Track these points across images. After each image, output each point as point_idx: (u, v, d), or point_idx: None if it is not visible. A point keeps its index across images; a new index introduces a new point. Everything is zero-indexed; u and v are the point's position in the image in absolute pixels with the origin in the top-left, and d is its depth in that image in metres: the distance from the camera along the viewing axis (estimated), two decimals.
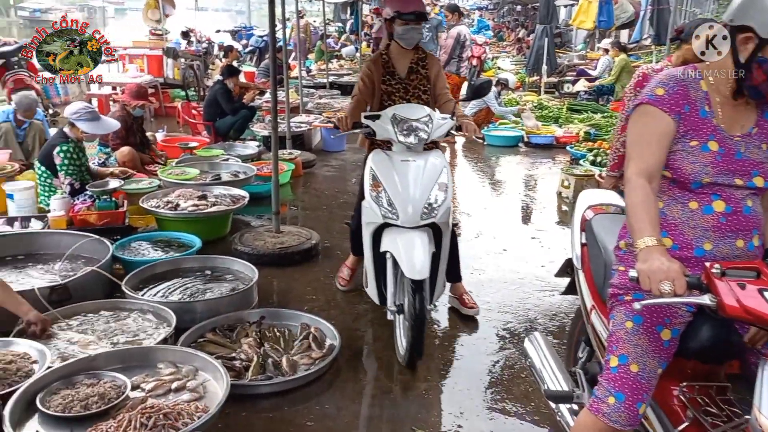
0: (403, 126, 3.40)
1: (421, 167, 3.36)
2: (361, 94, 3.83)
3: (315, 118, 8.84)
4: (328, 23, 15.52)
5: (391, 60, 3.86)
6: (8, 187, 5.03)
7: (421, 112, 3.47)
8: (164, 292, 3.90)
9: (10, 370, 2.77)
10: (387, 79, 3.84)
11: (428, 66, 3.88)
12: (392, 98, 3.82)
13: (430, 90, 3.87)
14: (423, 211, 3.25)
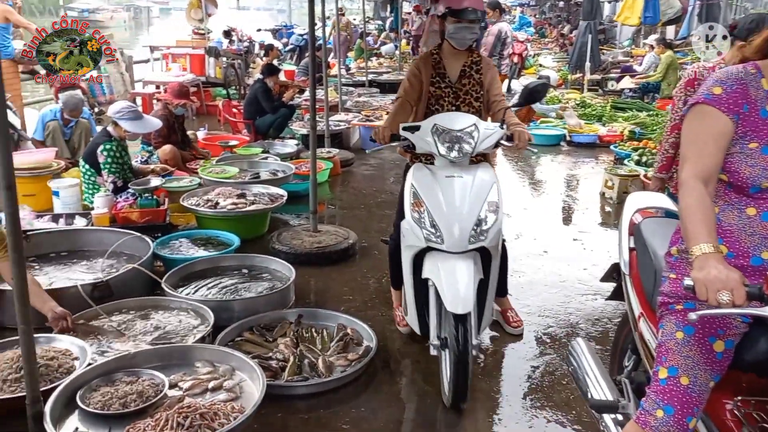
0: (445, 138, 3.04)
1: (467, 184, 3.00)
2: (406, 95, 3.43)
3: (354, 117, 8.83)
4: (367, 21, 15.50)
5: (443, 61, 3.46)
6: (54, 185, 5.14)
7: (465, 122, 3.09)
8: (203, 290, 3.93)
9: (52, 366, 2.81)
10: (436, 81, 3.44)
11: (482, 70, 3.47)
12: (440, 103, 3.43)
13: (483, 97, 3.48)
14: (471, 234, 2.89)
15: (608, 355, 3.09)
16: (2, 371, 2.74)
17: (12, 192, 2.23)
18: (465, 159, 3.08)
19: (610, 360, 2.92)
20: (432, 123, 3.08)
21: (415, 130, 3.09)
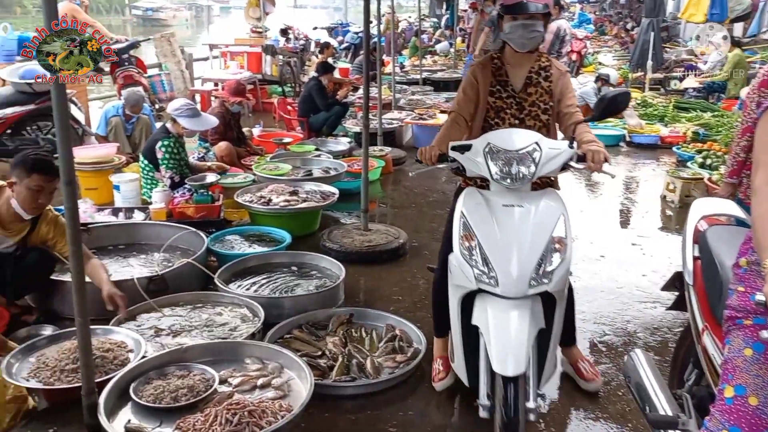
0: (500, 159, 2.53)
1: (529, 215, 2.48)
2: (461, 108, 2.93)
3: (407, 115, 8.79)
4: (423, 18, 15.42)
5: (505, 67, 2.94)
6: (115, 179, 5.29)
7: (524, 140, 2.57)
8: (254, 286, 3.97)
9: (108, 358, 2.88)
10: (497, 90, 2.93)
11: (552, 77, 2.94)
12: (501, 116, 2.92)
13: (553, 108, 2.95)
14: (531, 277, 2.37)
15: (667, 367, 2.96)
16: (60, 361, 2.82)
17: (72, 187, 2.29)
18: (525, 184, 2.55)
19: (670, 373, 2.80)
20: (485, 142, 2.58)
21: (466, 149, 2.61)
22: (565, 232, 2.48)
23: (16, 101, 6.17)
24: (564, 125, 2.93)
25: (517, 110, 2.92)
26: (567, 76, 3.02)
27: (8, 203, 3.25)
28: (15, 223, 3.33)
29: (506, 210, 2.51)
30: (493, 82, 2.94)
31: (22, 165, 3.21)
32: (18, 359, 2.90)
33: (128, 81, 7.84)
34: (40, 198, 3.25)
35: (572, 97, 2.97)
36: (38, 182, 3.20)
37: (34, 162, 3.21)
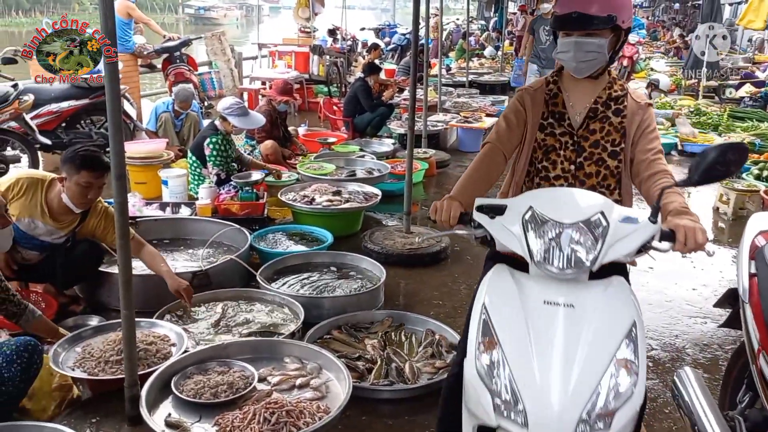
0: (546, 234, 1.75)
1: (582, 321, 1.70)
2: (500, 140, 2.27)
3: (452, 118, 8.73)
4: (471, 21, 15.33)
5: (562, 94, 2.29)
6: (164, 174, 5.39)
7: (585, 207, 1.79)
8: (295, 285, 3.98)
9: (151, 351, 2.93)
10: (549, 124, 2.27)
11: (626, 111, 2.23)
12: (551, 158, 2.25)
13: (624, 152, 2.22)
14: (580, 420, 1.59)
15: (718, 387, 2.84)
16: (105, 352, 2.88)
17: (123, 182, 2.33)
18: (580, 274, 1.76)
19: (721, 393, 2.69)
20: (526, 204, 1.80)
21: (498, 212, 1.85)
22: (635, 351, 1.66)
23: (71, 96, 6.35)
24: (640, 178, 2.20)
25: (574, 152, 2.24)
26: (649, 112, 2.26)
27: (59, 197, 3.33)
28: (66, 215, 3.42)
29: (549, 310, 1.72)
30: (545, 113, 2.29)
31: (71, 161, 3.28)
32: (65, 348, 2.97)
33: (179, 78, 8.00)
34: (89, 193, 3.33)
35: (655, 140, 2.21)
36: (87, 179, 3.27)
37: (83, 158, 3.27)
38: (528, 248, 1.76)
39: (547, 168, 2.27)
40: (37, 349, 2.59)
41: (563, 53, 2.19)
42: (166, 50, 8.29)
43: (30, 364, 2.53)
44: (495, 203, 1.89)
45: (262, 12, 20.28)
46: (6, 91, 5.50)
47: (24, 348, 2.52)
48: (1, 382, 2.46)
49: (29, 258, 3.50)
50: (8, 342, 2.55)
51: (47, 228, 3.39)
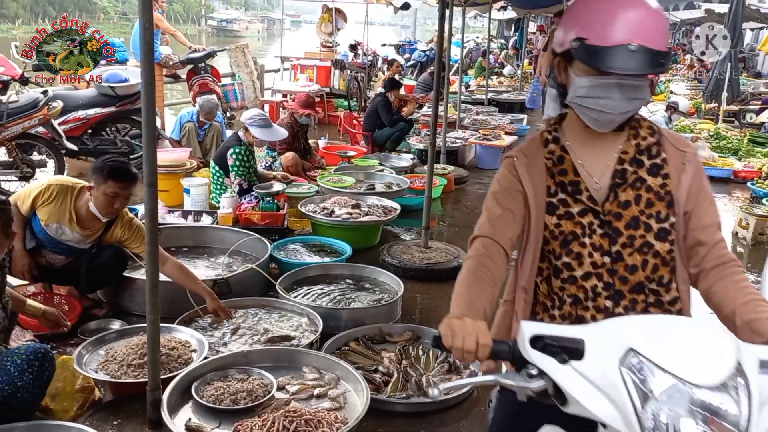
0: (666, 398, 1.08)
1: None
2: (494, 232, 1.61)
3: (471, 135, 8.78)
4: (490, 39, 15.43)
5: (569, 156, 1.63)
6: (186, 183, 5.48)
7: (710, 349, 1.13)
8: (313, 295, 4.02)
9: (172, 356, 2.97)
10: (561, 201, 1.61)
11: (667, 165, 1.58)
12: (573, 250, 1.59)
13: (676, 229, 1.57)
14: None
15: None
16: (127, 356, 2.93)
17: (154, 189, 2.38)
18: None
19: None
20: (620, 342, 1.16)
21: (568, 352, 1.19)
22: None
23: (98, 103, 6.48)
24: (700, 269, 1.56)
25: (606, 237, 1.57)
26: (697, 164, 1.60)
27: (87, 205, 3.41)
28: (92, 223, 3.49)
29: None
30: (552, 188, 1.62)
31: (99, 171, 3.34)
32: (89, 351, 3.02)
33: (203, 89, 8.13)
34: (116, 203, 3.39)
35: (712, 208, 1.59)
36: (114, 189, 3.33)
37: (112, 169, 3.33)
38: (641, 424, 1.08)
39: (570, 265, 1.59)
40: (48, 355, 2.57)
41: (593, 99, 1.49)
42: (191, 61, 8.44)
43: (42, 371, 2.52)
44: (561, 335, 1.21)
45: (283, 25, 20.53)
46: (36, 97, 5.63)
47: (35, 356, 2.50)
48: (16, 390, 2.45)
49: (54, 262, 3.57)
50: (18, 350, 2.52)
51: (74, 234, 3.46)
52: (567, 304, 1.62)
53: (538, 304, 1.69)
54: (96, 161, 3.50)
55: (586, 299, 1.59)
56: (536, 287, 1.67)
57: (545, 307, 1.67)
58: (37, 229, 3.46)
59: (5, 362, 2.45)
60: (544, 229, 1.62)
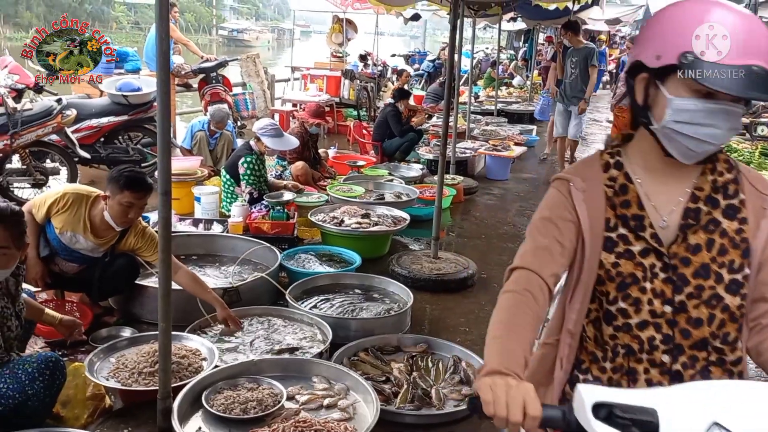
0: None
1: None
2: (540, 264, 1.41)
3: (480, 145, 8.79)
4: (500, 50, 15.46)
5: (634, 186, 1.43)
6: (197, 191, 5.50)
7: None
8: (322, 305, 4.02)
9: (183, 364, 2.98)
10: (621, 237, 1.41)
11: (747, 210, 1.39)
12: (631, 294, 1.40)
13: (748, 281, 1.37)
14: None
15: None
16: (138, 364, 2.94)
17: (168, 197, 2.40)
18: None
19: None
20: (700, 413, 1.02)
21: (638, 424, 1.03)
22: None
23: (111, 112, 6.53)
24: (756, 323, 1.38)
25: (669, 284, 1.38)
26: None
27: (101, 214, 3.43)
28: (106, 232, 3.51)
29: None
30: (612, 220, 1.42)
31: (115, 181, 3.36)
32: (99, 358, 3.03)
33: (215, 98, 8.17)
34: (131, 213, 3.41)
35: None
36: (130, 199, 3.35)
37: (128, 179, 3.35)
38: None
39: (626, 312, 1.40)
40: (59, 364, 2.57)
41: (694, 126, 1.29)
42: (202, 70, 8.49)
43: (53, 379, 2.52)
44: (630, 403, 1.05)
45: (293, 35, 20.65)
46: (50, 105, 5.68)
47: (45, 365, 2.50)
48: (27, 398, 2.45)
49: (67, 270, 3.60)
50: (30, 359, 2.52)
51: (87, 243, 3.49)
52: (619, 355, 1.42)
53: (584, 351, 1.49)
54: (111, 171, 3.53)
55: (640, 351, 1.40)
56: (582, 331, 1.48)
57: (594, 357, 1.46)
58: (51, 236, 3.48)
59: (16, 370, 2.45)
60: (598, 267, 1.41)
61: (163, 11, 2.24)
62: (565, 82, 8.10)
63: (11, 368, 2.47)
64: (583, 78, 7.91)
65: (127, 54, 8.31)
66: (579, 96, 7.96)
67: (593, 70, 7.90)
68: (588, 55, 7.85)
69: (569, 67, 8.00)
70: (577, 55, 7.93)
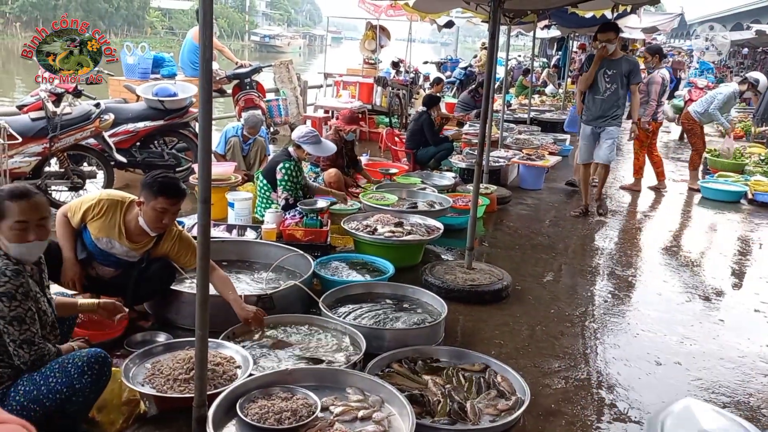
0: None
1: None
2: None
3: (513, 154, 8.69)
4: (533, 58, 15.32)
5: None
6: (231, 197, 5.52)
7: None
8: (355, 314, 3.98)
9: (217, 372, 2.96)
10: None
11: None
12: None
13: None
14: None
15: None
16: (174, 370, 2.92)
17: (207, 205, 2.39)
18: None
19: None
20: None
21: None
22: None
23: (147, 116, 6.61)
24: None
25: None
26: None
27: (136, 220, 3.44)
28: (141, 237, 3.52)
29: None
30: None
31: (149, 187, 3.37)
32: (135, 364, 3.03)
33: (248, 104, 8.23)
34: (165, 218, 3.41)
35: None
36: (163, 205, 3.36)
37: (162, 185, 3.36)
38: None
39: None
40: (107, 361, 2.62)
41: None
42: (237, 76, 8.56)
43: (100, 375, 2.57)
44: None
45: (325, 41, 20.76)
46: (89, 109, 5.76)
47: (95, 360, 2.55)
48: (72, 393, 2.50)
49: (104, 274, 3.62)
50: (80, 353, 2.59)
51: (123, 248, 3.50)
52: None
53: None
54: (145, 176, 3.54)
55: None
56: None
57: None
58: (88, 242, 3.51)
59: (66, 364, 2.50)
60: None
61: (207, 17, 2.23)
62: (596, 98, 6.75)
63: (61, 363, 2.52)
64: (622, 96, 6.72)
65: (164, 59, 8.41)
66: (613, 118, 6.74)
67: (635, 88, 6.80)
68: (631, 71, 6.65)
69: (602, 82, 6.67)
70: (614, 68, 6.62)
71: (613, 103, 6.70)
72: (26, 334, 2.45)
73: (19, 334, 2.44)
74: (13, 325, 2.43)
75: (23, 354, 2.46)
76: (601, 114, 6.75)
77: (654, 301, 4.85)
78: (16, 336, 2.44)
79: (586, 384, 3.56)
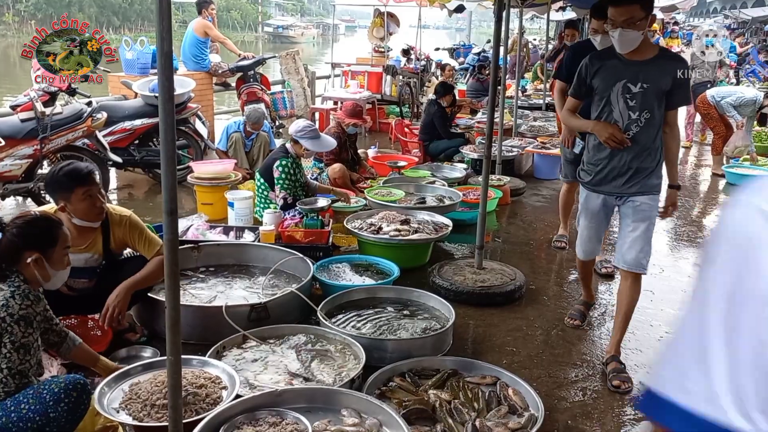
0: None
1: None
2: None
3: (528, 143, 8.34)
4: (549, 41, 14.86)
5: None
6: (230, 196, 5.29)
7: None
8: (356, 322, 3.73)
9: (200, 395, 2.72)
10: None
11: None
12: None
13: None
14: None
15: None
16: (152, 394, 2.69)
17: (174, 218, 2.13)
18: None
19: None
20: None
21: None
22: None
23: (144, 113, 6.39)
24: None
25: None
26: None
27: (71, 224, 3.24)
28: (85, 235, 3.33)
29: None
30: None
31: (59, 186, 3.23)
32: (111, 387, 2.80)
33: (251, 97, 7.98)
34: (96, 202, 3.26)
35: None
36: (84, 192, 3.20)
37: (69, 178, 3.21)
38: None
39: None
40: (86, 388, 2.46)
41: None
42: (240, 69, 8.31)
43: (78, 404, 2.41)
44: None
45: (338, 31, 20.44)
46: (80, 108, 5.55)
47: (73, 387, 2.40)
48: (47, 422, 2.33)
49: (80, 286, 3.41)
50: (57, 379, 2.44)
51: (78, 256, 3.28)
52: None
53: None
54: (46, 181, 3.39)
55: None
56: None
57: None
58: None
59: (41, 390, 2.37)
60: None
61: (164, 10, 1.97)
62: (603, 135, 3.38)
63: (36, 389, 2.38)
64: (656, 126, 3.32)
65: None
66: (646, 176, 3.39)
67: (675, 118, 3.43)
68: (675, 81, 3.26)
69: (619, 99, 3.29)
70: (644, 76, 3.24)
71: (644, 146, 3.35)
72: (24, 365, 2.37)
73: (19, 364, 2.35)
74: (19, 352, 2.35)
75: (11, 384, 2.35)
76: (623, 170, 3.41)
77: (679, 300, 4.52)
78: (15, 364, 2.34)
79: (606, 395, 3.27)
